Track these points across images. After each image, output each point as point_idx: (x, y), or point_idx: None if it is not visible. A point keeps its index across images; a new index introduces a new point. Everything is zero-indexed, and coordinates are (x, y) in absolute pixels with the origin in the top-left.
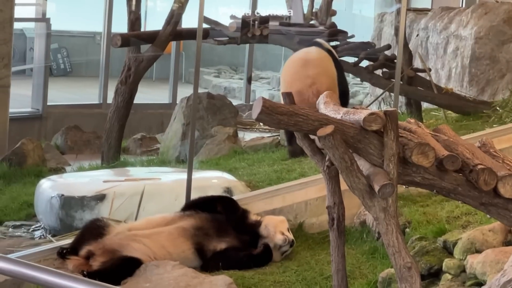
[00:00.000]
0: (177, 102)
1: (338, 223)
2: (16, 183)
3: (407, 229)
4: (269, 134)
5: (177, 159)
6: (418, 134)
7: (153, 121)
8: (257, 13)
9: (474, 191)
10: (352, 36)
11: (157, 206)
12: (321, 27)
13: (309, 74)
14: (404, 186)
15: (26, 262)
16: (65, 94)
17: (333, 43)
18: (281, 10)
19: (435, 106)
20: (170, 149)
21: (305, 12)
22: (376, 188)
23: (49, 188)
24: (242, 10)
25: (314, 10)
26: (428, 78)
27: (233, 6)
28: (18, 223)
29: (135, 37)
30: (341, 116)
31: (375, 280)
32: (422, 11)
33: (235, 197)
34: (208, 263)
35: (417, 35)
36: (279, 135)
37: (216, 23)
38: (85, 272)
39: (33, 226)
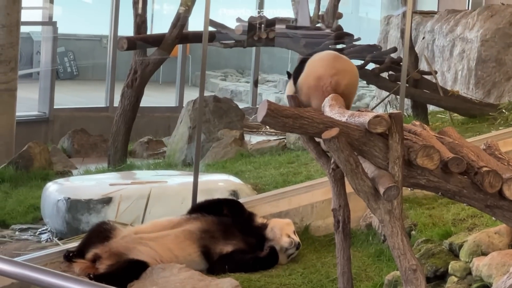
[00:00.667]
0: (184, 105)
1: (344, 225)
2: (22, 186)
3: (413, 232)
4: (275, 137)
5: (183, 162)
6: (423, 137)
7: (159, 124)
8: (259, 12)
9: (479, 193)
10: (358, 39)
11: (163, 209)
12: (328, 30)
13: (336, 65)
14: (409, 189)
15: (32, 265)
16: (71, 97)
17: (340, 46)
18: (288, 13)
19: (441, 109)
20: (177, 152)
21: (312, 15)
22: (381, 190)
23: (55, 191)
24: (249, 13)
25: (320, 13)
26: (434, 80)
27: (239, 9)
28: (24, 226)
29: (141, 40)
30: (346, 119)
31: (381, 282)
32: (428, 14)
33: (241, 200)
34: (214, 266)
35: (423, 37)
36: (285, 138)
37: (222, 26)
38: (91, 275)
39: (40, 229)
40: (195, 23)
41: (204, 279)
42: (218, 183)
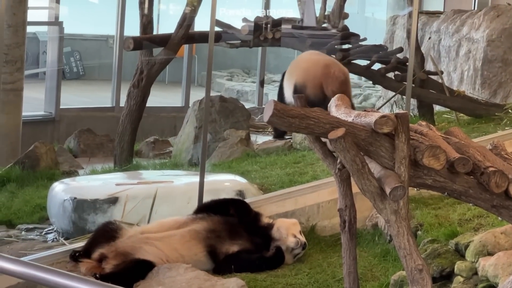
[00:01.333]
0: (190, 105)
1: (350, 225)
2: (29, 186)
3: (419, 232)
4: None
5: (189, 162)
6: (429, 137)
7: (165, 124)
8: (265, 11)
9: (485, 193)
10: (365, 39)
11: (169, 209)
12: (334, 30)
13: (330, 58)
14: (415, 189)
15: (39, 265)
16: (78, 97)
17: (346, 46)
18: (294, 13)
19: (447, 109)
20: (183, 152)
21: (318, 15)
22: (387, 190)
23: (62, 191)
24: (255, 13)
25: (326, 13)
26: (440, 80)
27: (245, 9)
28: (31, 226)
29: (147, 40)
30: (353, 119)
31: (387, 282)
32: (434, 14)
33: (247, 200)
34: (221, 265)
35: (429, 38)
36: (291, 138)
37: (228, 26)
38: (97, 275)
39: (46, 229)
40: (201, 23)
41: (210, 279)
42: (224, 183)
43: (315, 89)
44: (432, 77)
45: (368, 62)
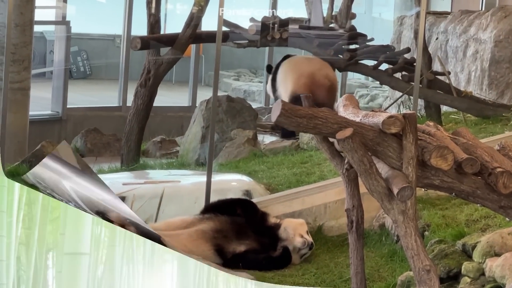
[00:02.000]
0: (197, 105)
1: (357, 226)
2: None
3: (426, 232)
4: None
5: (196, 162)
6: (437, 137)
7: (172, 123)
8: (271, 11)
9: (493, 194)
10: (372, 39)
11: (176, 208)
12: (341, 30)
13: (317, 64)
14: (423, 189)
15: None
16: (84, 96)
17: (353, 46)
18: (301, 13)
19: (454, 109)
20: (190, 152)
21: (325, 15)
22: (395, 191)
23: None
24: (262, 13)
25: (333, 13)
26: (447, 81)
27: (252, 9)
28: None
29: (154, 40)
30: (360, 119)
31: (394, 283)
32: (442, 14)
33: (254, 200)
34: (228, 265)
35: (437, 38)
36: (298, 138)
37: (235, 26)
38: None
39: None
40: (208, 23)
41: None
42: (231, 183)
43: (306, 91)
44: (440, 77)
45: (376, 62)
